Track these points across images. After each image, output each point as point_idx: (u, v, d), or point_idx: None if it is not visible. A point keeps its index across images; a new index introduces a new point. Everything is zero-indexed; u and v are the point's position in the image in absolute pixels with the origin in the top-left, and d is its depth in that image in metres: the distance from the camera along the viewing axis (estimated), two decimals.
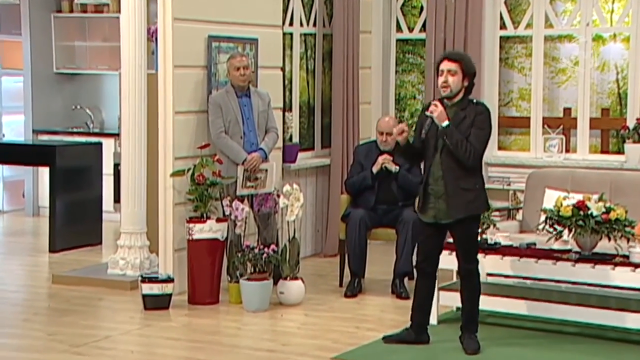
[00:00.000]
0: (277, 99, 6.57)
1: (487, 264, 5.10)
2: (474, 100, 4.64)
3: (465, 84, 4.54)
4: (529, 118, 7.44)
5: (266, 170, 5.82)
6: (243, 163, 5.78)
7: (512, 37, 7.69)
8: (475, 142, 4.49)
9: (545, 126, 7.30)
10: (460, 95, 4.55)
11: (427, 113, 4.52)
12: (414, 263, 4.76)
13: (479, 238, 4.87)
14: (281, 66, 6.73)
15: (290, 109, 7.20)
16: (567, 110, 7.67)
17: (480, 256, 4.81)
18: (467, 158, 4.48)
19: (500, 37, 7.52)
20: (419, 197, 4.67)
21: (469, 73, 4.54)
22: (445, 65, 4.53)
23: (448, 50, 5.02)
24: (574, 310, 4.97)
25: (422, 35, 7.63)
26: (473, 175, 4.56)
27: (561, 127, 7.30)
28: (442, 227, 4.63)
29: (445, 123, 4.48)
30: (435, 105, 4.51)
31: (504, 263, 5.09)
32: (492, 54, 7.49)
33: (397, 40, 7.97)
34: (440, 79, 4.53)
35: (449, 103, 4.56)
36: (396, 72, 8.00)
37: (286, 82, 7.12)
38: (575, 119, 7.28)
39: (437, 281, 4.83)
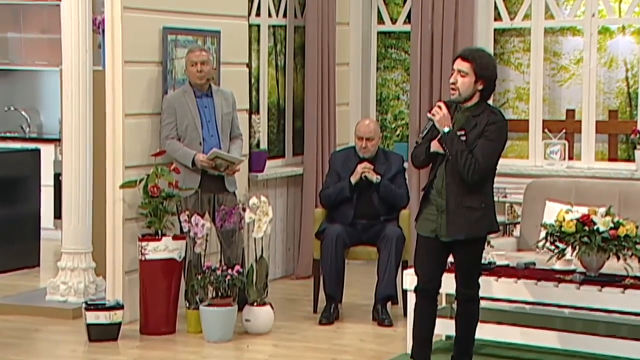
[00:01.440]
0: (243, 99, 6.57)
1: (480, 286, 5.12)
2: (492, 107, 4.56)
3: (479, 87, 4.47)
4: (527, 121, 7.49)
5: (216, 157, 5.82)
6: (193, 165, 5.81)
7: (508, 29, 7.75)
8: (480, 155, 4.42)
9: (546, 130, 7.35)
10: (475, 99, 4.50)
11: (429, 115, 4.51)
12: (415, 285, 4.70)
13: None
14: (247, 62, 6.74)
15: (258, 111, 7.20)
16: (570, 112, 7.75)
17: None
18: (467, 173, 4.42)
19: (495, 30, 7.57)
20: (420, 204, 4.64)
21: (484, 76, 4.46)
22: (457, 65, 4.50)
23: (465, 47, 5.00)
24: (579, 339, 5.00)
25: (407, 28, 7.66)
26: (479, 193, 4.50)
27: (563, 131, 7.35)
28: (443, 243, 4.60)
29: (446, 129, 4.45)
30: (439, 107, 4.48)
31: (500, 285, 5.11)
32: (486, 49, 7.54)
33: (379, 33, 7.99)
34: (450, 79, 4.52)
35: (462, 107, 4.53)
36: (377, 69, 8.01)
37: (253, 80, 7.12)
38: (580, 122, 7.33)
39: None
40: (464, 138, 4.48)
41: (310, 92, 7.33)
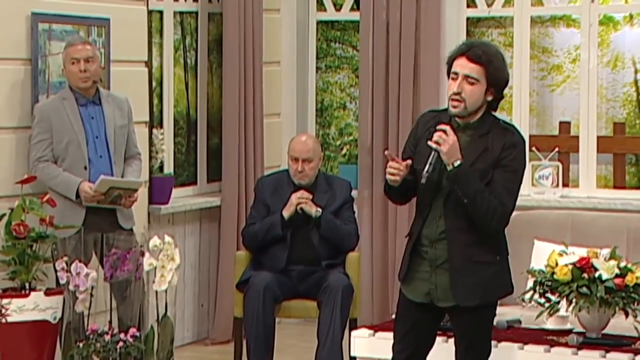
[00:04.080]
0: (140, 108, 6.54)
1: (452, 350, 5.05)
2: (502, 122, 4.39)
3: (489, 98, 4.31)
4: None
5: (111, 188, 5.76)
6: (77, 197, 5.76)
7: (485, 18, 7.79)
8: (505, 193, 4.26)
9: (534, 149, 7.39)
10: (480, 112, 4.33)
11: (431, 144, 4.26)
12: None
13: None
14: (146, 60, 6.72)
15: (160, 125, 7.14)
16: (564, 126, 7.81)
17: (439, 339, 4.76)
18: (490, 220, 4.25)
19: (468, 19, 7.60)
20: (403, 259, 4.46)
21: (497, 84, 4.30)
22: (461, 67, 4.29)
23: (470, 41, 4.59)
24: None
25: (355, 16, 7.67)
26: (494, 241, 4.36)
27: (556, 150, 7.40)
28: (438, 309, 4.45)
29: (457, 162, 4.24)
30: (445, 133, 4.25)
31: None
32: (456, 44, 7.52)
33: (319, 22, 8.00)
34: (452, 86, 4.30)
35: (462, 122, 4.34)
36: (317, 69, 8.04)
37: (154, 83, 7.08)
38: (577, 137, 7.37)
39: None
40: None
41: (230, 99, 7.29)
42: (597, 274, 4.95)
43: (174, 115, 7.31)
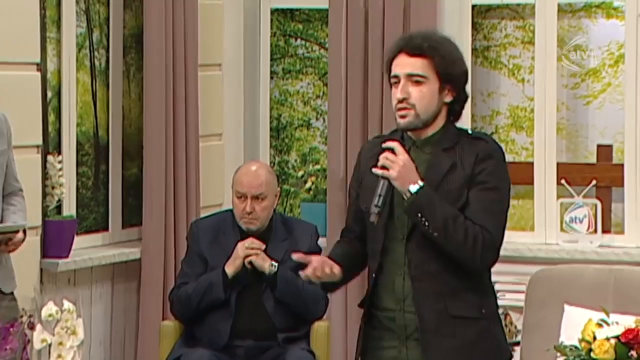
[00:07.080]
0: (31, 128, 6.56)
1: None
2: (470, 131, 4.53)
3: (447, 99, 4.44)
4: (531, 164, 7.58)
5: None
6: None
7: (497, 7, 7.81)
8: (487, 217, 4.35)
9: (563, 181, 7.42)
10: (440, 122, 4.46)
11: (376, 171, 4.38)
12: None
13: None
14: (38, 62, 6.72)
15: (59, 150, 7.11)
16: (603, 150, 7.81)
17: None
18: (472, 253, 4.32)
19: (474, 8, 7.67)
20: (359, 336, 4.59)
21: (452, 78, 4.43)
22: (403, 67, 4.44)
23: (409, 33, 4.88)
24: None
25: (323, 4, 7.72)
26: (477, 291, 4.45)
27: (593, 183, 7.44)
28: None
29: (414, 187, 4.33)
30: (393, 152, 4.37)
31: None
32: (459, 40, 7.46)
33: (274, 11, 8.07)
34: (395, 94, 4.44)
35: (418, 138, 4.47)
36: (273, 75, 8.09)
37: (49, 94, 7.06)
38: (621, 166, 7.44)
39: None
40: None
41: (153, 115, 7.30)
42: None
43: (77, 137, 7.27)
